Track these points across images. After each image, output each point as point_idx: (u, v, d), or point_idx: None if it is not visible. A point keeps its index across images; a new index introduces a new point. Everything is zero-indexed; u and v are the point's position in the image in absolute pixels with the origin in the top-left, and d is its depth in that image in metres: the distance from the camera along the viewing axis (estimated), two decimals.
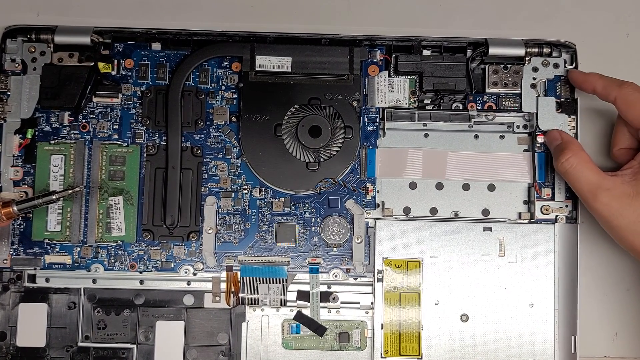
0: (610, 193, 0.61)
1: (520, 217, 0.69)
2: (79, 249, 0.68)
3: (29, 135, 0.68)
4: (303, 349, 0.68)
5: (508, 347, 0.66)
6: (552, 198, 0.68)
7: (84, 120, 0.69)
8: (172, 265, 0.68)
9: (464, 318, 0.67)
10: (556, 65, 0.70)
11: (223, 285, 0.68)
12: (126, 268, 0.68)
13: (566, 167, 0.63)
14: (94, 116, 0.69)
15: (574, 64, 0.70)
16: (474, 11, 0.74)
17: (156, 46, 0.70)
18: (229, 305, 0.68)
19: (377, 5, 0.74)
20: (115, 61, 0.69)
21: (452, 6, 0.73)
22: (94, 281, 0.68)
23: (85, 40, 0.68)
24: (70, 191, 0.65)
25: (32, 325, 0.68)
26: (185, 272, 0.68)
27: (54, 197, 0.64)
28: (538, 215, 0.68)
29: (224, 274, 0.68)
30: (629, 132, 0.66)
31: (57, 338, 0.68)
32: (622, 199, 0.61)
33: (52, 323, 0.68)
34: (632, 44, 0.74)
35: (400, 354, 0.67)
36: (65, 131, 0.69)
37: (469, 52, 0.70)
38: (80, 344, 0.68)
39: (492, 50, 0.69)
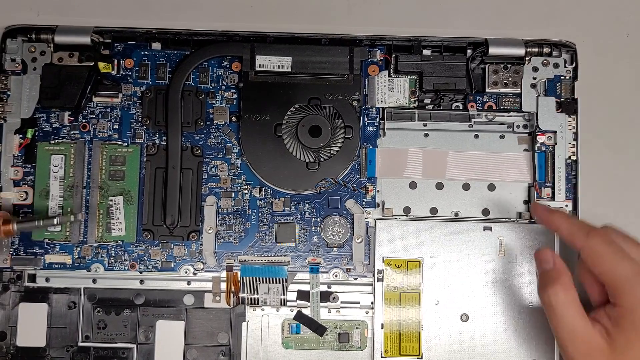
0: (587, 345, 0.56)
1: (520, 217, 0.69)
2: (79, 248, 0.68)
3: (29, 135, 0.68)
4: (303, 348, 0.68)
5: (508, 347, 0.66)
6: (552, 198, 0.68)
7: (84, 120, 0.69)
8: (172, 265, 0.68)
9: (464, 318, 0.67)
10: (556, 65, 0.70)
11: (223, 285, 0.68)
12: (126, 268, 0.68)
13: (553, 302, 0.57)
14: (94, 116, 0.69)
15: (574, 64, 0.69)
16: (473, 11, 0.73)
17: (156, 46, 0.70)
18: (229, 305, 0.68)
19: (377, 5, 0.74)
20: (115, 61, 0.69)
21: (452, 6, 0.73)
22: (94, 281, 0.68)
23: (86, 40, 0.68)
24: (72, 217, 0.65)
25: (32, 325, 0.68)
26: (186, 272, 0.68)
27: (55, 221, 0.64)
28: None
29: (224, 274, 0.68)
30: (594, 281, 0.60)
31: (57, 338, 0.68)
32: (595, 353, 0.55)
33: (52, 323, 0.68)
34: (632, 44, 0.74)
35: (400, 354, 0.66)
36: (65, 131, 0.69)
37: (469, 51, 0.70)
38: (80, 344, 0.68)
39: (492, 50, 0.69)
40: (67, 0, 0.73)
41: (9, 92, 0.69)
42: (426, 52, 0.70)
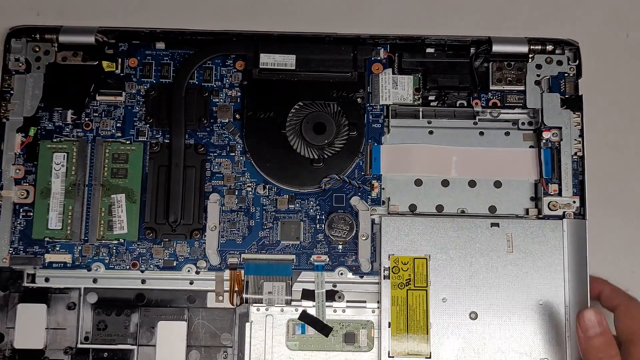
0: None
1: (527, 213, 0.68)
2: (80, 247, 0.66)
3: (31, 134, 0.68)
4: (308, 349, 0.66)
5: (518, 345, 0.65)
6: (559, 194, 0.67)
7: (87, 119, 0.68)
8: (175, 264, 0.67)
9: (473, 316, 0.65)
10: (559, 63, 0.70)
11: (226, 284, 0.66)
12: (128, 267, 0.67)
13: None
14: (97, 114, 0.69)
15: (577, 62, 0.70)
16: (476, 10, 0.74)
17: (160, 45, 0.70)
18: (232, 304, 0.66)
19: (380, 4, 0.74)
20: (119, 60, 0.69)
21: (455, 5, 0.74)
22: (94, 281, 0.66)
23: (90, 40, 0.68)
24: None
25: (30, 327, 0.66)
26: (188, 271, 0.67)
27: None
28: (546, 211, 0.67)
29: (227, 273, 0.66)
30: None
31: (56, 340, 0.66)
32: None
33: (51, 324, 0.66)
34: (632, 44, 0.74)
35: (408, 353, 0.65)
36: (68, 129, 0.68)
37: (472, 50, 0.70)
38: (79, 346, 0.66)
39: (496, 48, 0.69)
40: (71, 1, 0.73)
41: (12, 92, 0.68)
42: (430, 50, 0.70)
